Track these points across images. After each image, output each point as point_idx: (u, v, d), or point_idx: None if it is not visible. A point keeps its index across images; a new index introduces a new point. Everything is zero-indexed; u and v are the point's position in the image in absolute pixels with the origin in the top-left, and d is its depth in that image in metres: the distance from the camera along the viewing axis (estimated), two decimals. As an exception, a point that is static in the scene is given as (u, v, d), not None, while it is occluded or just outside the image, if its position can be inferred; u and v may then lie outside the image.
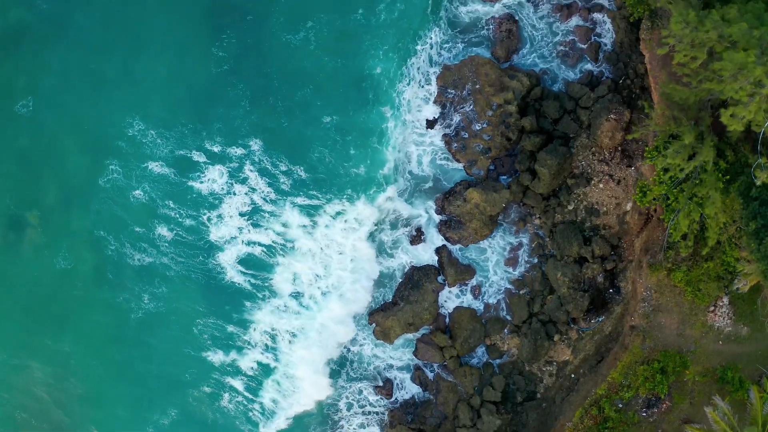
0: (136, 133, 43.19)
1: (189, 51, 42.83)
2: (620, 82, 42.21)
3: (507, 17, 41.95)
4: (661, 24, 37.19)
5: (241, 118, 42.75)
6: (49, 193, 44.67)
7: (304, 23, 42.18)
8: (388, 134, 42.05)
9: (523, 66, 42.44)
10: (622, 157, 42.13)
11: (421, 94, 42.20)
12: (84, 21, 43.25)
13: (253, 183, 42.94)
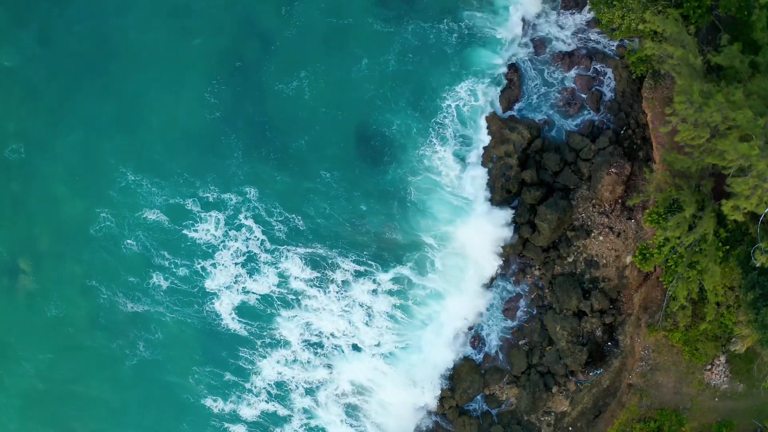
0: (129, 182, 43.50)
1: (182, 98, 42.98)
2: (621, 133, 42.72)
3: (509, 66, 42.39)
4: (663, 83, 37.80)
5: (235, 167, 43.00)
6: (42, 240, 45.09)
7: (298, 73, 42.39)
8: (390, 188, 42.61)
9: (524, 115, 42.72)
10: (623, 210, 42.82)
11: (425, 150, 42.47)
12: (76, 66, 43.39)
13: (249, 232, 43.24)
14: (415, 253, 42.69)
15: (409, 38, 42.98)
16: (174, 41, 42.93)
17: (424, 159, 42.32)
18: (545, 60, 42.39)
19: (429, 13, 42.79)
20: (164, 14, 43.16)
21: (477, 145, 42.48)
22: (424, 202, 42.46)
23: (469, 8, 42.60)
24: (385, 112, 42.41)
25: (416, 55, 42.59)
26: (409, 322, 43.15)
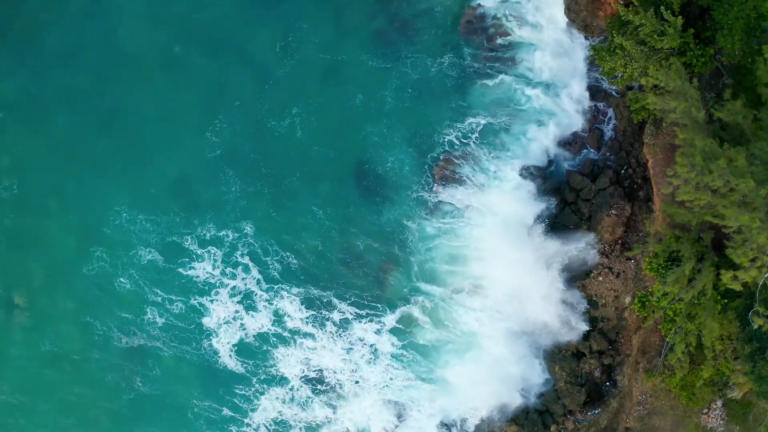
0: (123, 220, 43.75)
1: (178, 136, 43.15)
2: (622, 173, 43.05)
3: (512, 108, 42.26)
4: (665, 130, 37.99)
5: (231, 205, 43.26)
6: (36, 275, 45.24)
7: (290, 110, 42.52)
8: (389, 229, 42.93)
9: (524, 150, 42.87)
10: (622, 250, 43.25)
11: (420, 185, 42.71)
12: (72, 102, 43.58)
13: (246, 270, 43.36)
14: (410, 298, 43.00)
15: (406, 73, 43.04)
16: (171, 78, 43.14)
17: (420, 200, 42.41)
18: (545, 95, 42.53)
19: (427, 48, 42.81)
20: (162, 52, 43.45)
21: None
22: (420, 243, 42.65)
23: (470, 45, 42.90)
24: (380, 149, 42.53)
25: (413, 91, 42.65)
26: (411, 364, 43.91)
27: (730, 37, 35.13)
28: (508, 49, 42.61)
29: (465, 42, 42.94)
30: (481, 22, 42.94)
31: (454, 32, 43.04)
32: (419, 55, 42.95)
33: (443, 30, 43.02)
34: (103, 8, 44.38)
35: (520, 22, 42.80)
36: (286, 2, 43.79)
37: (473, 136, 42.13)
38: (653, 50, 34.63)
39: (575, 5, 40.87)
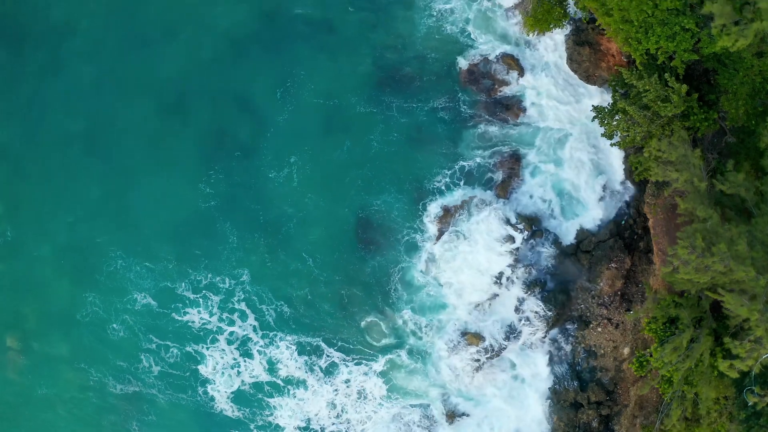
0: (117, 266, 43.81)
1: (175, 184, 43.25)
2: (622, 223, 43.64)
3: (511, 156, 42.66)
4: (666, 191, 38.19)
5: (227, 253, 43.42)
6: (30, 319, 45.34)
7: (288, 159, 42.70)
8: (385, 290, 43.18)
9: (524, 204, 42.73)
10: (621, 301, 43.58)
11: (419, 239, 43.00)
12: (65, 148, 43.61)
13: (241, 317, 43.58)
14: (402, 343, 43.37)
15: (403, 122, 43.16)
16: (168, 127, 43.22)
17: (412, 248, 42.73)
18: (546, 148, 42.57)
19: (426, 97, 42.87)
20: (159, 98, 43.47)
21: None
22: (409, 294, 43.01)
23: (471, 94, 42.91)
24: (374, 198, 42.66)
25: (412, 140, 42.79)
26: (401, 409, 44.56)
27: (735, 102, 35.26)
28: (509, 99, 42.58)
29: (466, 91, 42.91)
30: (483, 70, 42.98)
31: (455, 81, 43.00)
32: (418, 104, 43.08)
33: (444, 78, 42.99)
34: (97, 54, 44.30)
35: (522, 72, 42.78)
36: (283, 49, 43.84)
37: (470, 186, 42.67)
38: (656, 115, 34.82)
39: (577, 56, 40.85)
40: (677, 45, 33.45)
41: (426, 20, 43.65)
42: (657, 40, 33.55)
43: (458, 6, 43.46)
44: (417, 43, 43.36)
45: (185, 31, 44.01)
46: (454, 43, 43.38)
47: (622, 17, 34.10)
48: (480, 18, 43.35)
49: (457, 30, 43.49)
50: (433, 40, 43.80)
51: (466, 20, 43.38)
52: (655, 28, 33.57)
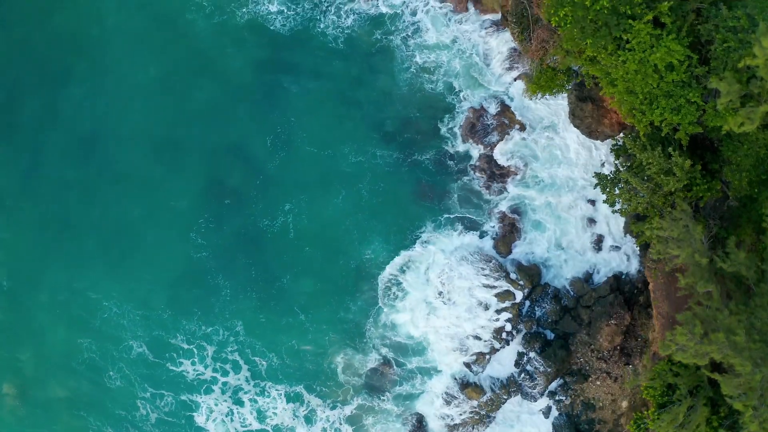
0: (112, 314, 44.48)
1: (170, 235, 43.76)
2: (623, 277, 44.23)
3: (511, 210, 42.85)
4: (667, 266, 38.23)
5: (221, 305, 44.14)
6: (27, 367, 45.93)
7: (282, 206, 43.41)
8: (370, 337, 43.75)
9: (525, 259, 43.31)
10: (621, 355, 44.22)
11: (420, 294, 43.59)
12: (60, 198, 44.11)
13: (234, 368, 44.29)
14: (407, 397, 44.13)
15: (398, 171, 43.55)
16: (160, 176, 43.60)
17: (409, 301, 43.23)
18: (546, 204, 42.81)
19: (422, 148, 43.26)
20: (151, 148, 43.86)
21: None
22: (407, 348, 43.58)
23: (471, 147, 43.01)
24: (365, 247, 43.20)
25: (408, 190, 43.20)
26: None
27: (738, 174, 35.34)
28: (511, 152, 42.83)
29: (466, 143, 43.19)
30: (483, 123, 43.09)
31: (454, 135, 43.34)
32: (412, 155, 43.37)
33: (442, 130, 43.31)
34: (93, 103, 44.63)
35: (523, 127, 42.93)
36: (273, 98, 44.12)
37: (470, 240, 43.00)
38: (659, 186, 35.08)
39: (580, 111, 40.83)
40: (682, 118, 33.55)
41: (420, 75, 43.88)
42: (661, 112, 33.65)
43: (457, 55, 43.74)
44: (414, 96, 43.67)
45: (178, 81, 44.41)
46: (454, 95, 43.75)
47: (626, 88, 34.17)
48: (477, 69, 43.56)
49: (460, 80, 43.72)
50: (426, 93, 44.15)
51: (465, 69, 43.62)
52: (659, 100, 33.70)
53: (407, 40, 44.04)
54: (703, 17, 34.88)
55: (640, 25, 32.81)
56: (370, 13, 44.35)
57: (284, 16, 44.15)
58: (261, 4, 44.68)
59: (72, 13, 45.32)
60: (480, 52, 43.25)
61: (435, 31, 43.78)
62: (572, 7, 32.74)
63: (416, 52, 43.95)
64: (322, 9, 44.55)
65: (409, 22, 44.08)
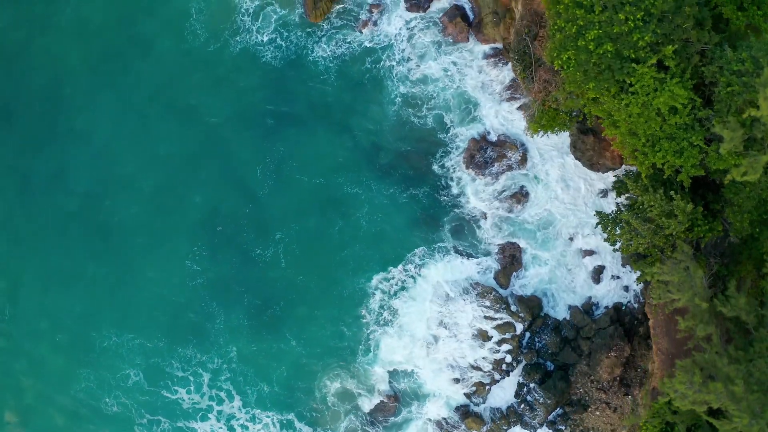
0: (111, 342, 44.83)
1: (164, 262, 44.14)
2: (623, 308, 44.45)
3: (511, 243, 43.00)
4: (668, 308, 38.44)
5: (214, 333, 44.58)
6: (28, 394, 46.23)
7: (273, 236, 43.88)
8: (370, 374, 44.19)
9: (525, 290, 43.58)
10: (620, 386, 44.57)
11: (419, 324, 43.86)
12: (60, 226, 44.57)
13: (228, 396, 44.69)
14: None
15: (391, 200, 43.76)
16: (157, 206, 43.98)
17: (408, 333, 43.48)
18: (547, 236, 43.05)
19: (419, 178, 43.47)
20: (147, 178, 44.17)
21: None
22: (407, 378, 43.88)
23: (472, 178, 43.26)
24: (359, 276, 43.50)
25: (406, 221, 43.43)
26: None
27: (740, 215, 35.61)
28: (512, 184, 42.95)
29: (465, 174, 43.30)
30: (485, 155, 43.17)
31: (456, 165, 43.42)
32: (407, 187, 43.67)
33: (439, 161, 43.55)
34: (91, 133, 44.93)
35: (525, 158, 43.02)
36: (265, 126, 44.37)
37: (471, 271, 43.19)
38: (660, 227, 35.27)
39: (581, 144, 41.02)
40: (685, 161, 33.65)
41: (417, 105, 43.96)
42: (664, 155, 33.74)
43: (458, 83, 43.81)
44: (410, 126, 43.91)
45: (172, 113, 44.70)
46: (452, 125, 43.85)
47: (629, 130, 34.25)
48: (476, 99, 43.70)
49: (460, 112, 43.88)
50: (423, 124, 44.29)
51: (463, 100, 43.79)
52: (662, 142, 33.77)
53: (402, 70, 44.10)
54: (707, 58, 35.00)
55: (644, 69, 32.94)
56: (366, 43, 44.42)
57: (275, 45, 44.35)
58: (252, 33, 44.81)
59: (60, 44, 45.52)
60: (480, 82, 43.34)
61: (433, 62, 43.83)
62: (575, 51, 32.83)
63: (412, 82, 44.05)
64: (314, 39, 44.70)
65: (405, 53, 44.05)
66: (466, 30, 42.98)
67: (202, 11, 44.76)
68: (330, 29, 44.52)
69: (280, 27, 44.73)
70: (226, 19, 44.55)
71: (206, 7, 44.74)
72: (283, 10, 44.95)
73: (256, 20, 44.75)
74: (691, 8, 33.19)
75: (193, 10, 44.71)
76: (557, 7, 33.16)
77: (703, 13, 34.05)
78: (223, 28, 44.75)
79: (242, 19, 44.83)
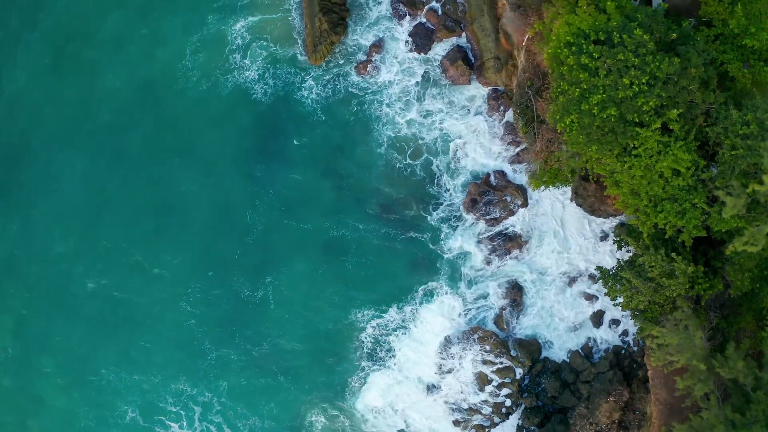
0: (110, 380, 45.70)
1: (159, 302, 45.03)
2: (622, 352, 44.95)
3: (511, 287, 43.55)
4: (666, 369, 38.65)
5: (205, 368, 45.58)
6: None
7: (263, 278, 44.63)
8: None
9: (525, 334, 44.11)
10: (619, 429, 44.96)
11: (419, 371, 44.13)
12: (61, 272, 45.44)
13: (220, 430, 45.53)
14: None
15: (384, 243, 44.27)
16: (152, 250, 44.90)
17: (407, 373, 44.16)
18: (550, 280, 43.47)
19: (416, 224, 43.99)
20: (140, 222, 44.95)
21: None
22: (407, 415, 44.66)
23: (474, 224, 43.71)
24: (349, 315, 44.20)
25: (394, 262, 44.07)
26: None
27: (741, 273, 36.11)
28: (513, 228, 43.40)
29: (468, 218, 43.65)
30: (486, 199, 43.41)
31: (455, 208, 43.81)
32: (402, 231, 44.15)
33: (438, 203, 43.97)
34: (88, 177, 45.51)
35: (526, 203, 43.36)
36: (254, 170, 44.83)
37: (471, 315, 43.69)
38: (660, 286, 35.66)
39: (583, 191, 41.27)
40: (687, 222, 33.97)
41: (413, 148, 44.30)
42: (666, 216, 34.06)
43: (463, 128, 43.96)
44: (407, 171, 44.26)
45: (167, 153, 45.21)
46: (452, 168, 44.21)
47: (631, 190, 34.50)
48: (478, 143, 43.93)
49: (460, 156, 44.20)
50: (420, 169, 44.63)
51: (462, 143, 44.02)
52: (664, 203, 34.06)
53: (401, 112, 44.22)
54: (712, 118, 35.34)
55: (648, 133, 33.16)
56: (364, 85, 44.54)
57: (265, 83, 44.54)
58: (240, 71, 44.83)
59: (57, 82, 45.90)
60: (481, 125, 43.56)
61: (433, 104, 44.01)
62: (578, 115, 32.98)
63: (410, 124, 44.17)
64: (314, 81, 44.78)
65: (404, 95, 44.23)
66: (467, 73, 43.18)
67: (196, 52, 45.00)
68: (329, 71, 44.62)
69: (278, 68, 44.90)
70: (218, 58, 44.83)
71: (201, 46, 45.01)
72: (281, 51, 44.96)
73: (246, 58, 44.88)
74: (696, 69, 33.57)
75: (188, 51, 45.02)
76: (561, 68, 33.31)
77: (709, 72, 34.44)
78: (215, 67, 45.02)
79: (233, 58, 45.02)
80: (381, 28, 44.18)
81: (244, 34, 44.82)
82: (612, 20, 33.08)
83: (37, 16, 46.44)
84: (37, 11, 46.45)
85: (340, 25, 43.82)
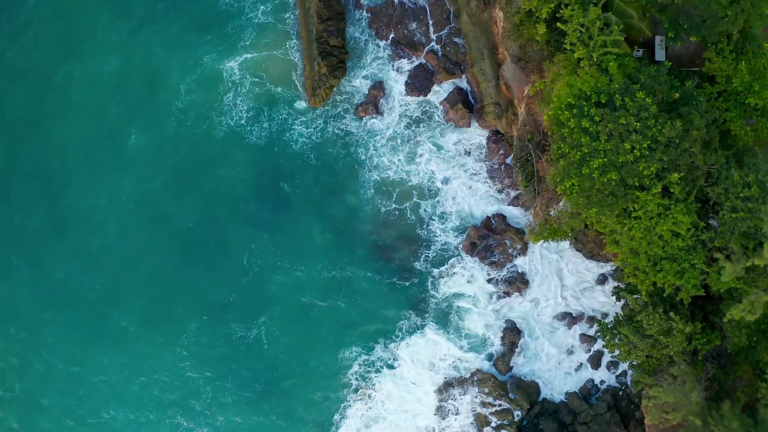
0: (109, 416, 46.07)
1: (155, 346, 45.54)
2: (620, 393, 45.39)
3: (511, 329, 44.16)
4: (663, 425, 39.04)
5: (200, 409, 45.96)
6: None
7: (257, 320, 45.23)
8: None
9: (523, 375, 44.47)
10: (615, 468, 46.57)
11: (422, 409, 44.56)
12: (67, 316, 45.95)
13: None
14: None
15: (376, 286, 44.89)
16: (149, 296, 45.36)
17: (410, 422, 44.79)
18: (548, 319, 43.95)
19: (414, 265, 44.45)
20: (136, 268, 45.37)
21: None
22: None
23: (473, 263, 44.14)
24: (339, 359, 44.82)
25: (386, 303, 44.55)
26: None
27: (738, 330, 36.60)
28: (512, 272, 43.74)
29: (469, 261, 43.96)
30: (486, 243, 43.74)
31: (456, 249, 44.17)
32: (401, 271, 44.71)
33: (437, 246, 44.32)
34: (87, 214, 45.77)
35: (525, 248, 43.69)
36: (252, 213, 45.24)
37: (471, 358, 44.18)
38: (658, 342, 36.09)
39: (582, 236, 41.68)
40: (685, 281, 34.48)
41: (411, 195, 44.65)
42: (665, 275, 34.54)
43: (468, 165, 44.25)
44: (401, 217, 44.71)
45: (158, 201, 45.42)
46: (448, 212, 44.55)
47: (630, 249, 34.91)
48: (476, 186, 44.17)
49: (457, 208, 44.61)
50: (415, 216, 45.02)
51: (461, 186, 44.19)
52: (663, 263, 34.51)
53: (400, 155, 44.46)
54: (713, 178, 35.67)
55: (648, 197, 33.66)
56: (363, 127, 44.72)
57: (260, 126, 44.76)
58: (232, 115, 44.95)
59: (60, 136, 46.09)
60: (482, 170, 43.86)
61: (429, 147, 44.27)
62: (579, 179, 33.28)
63: (408, 166, 44.36)
64: (301, 120, 45.03)
65: (403, 137, 44.42)
66: (467, 116, 43.40)
67: (191, 91, 45.13)
68: (328, 113, 44.81)
69: (274, 111, 45.09)
70: (215, 99, 45.04)
71: (196, 87, 45.12)
72: (281, 93, 45.09)
73: (240, 99, 45.15)
74: (699, 132, 33.96)
75: (182, 89, 45.09)
76: (562, 130, 33.49)
77: (711, 132, 34.88)
78: (211, 109, 45.18)
79: (228, 99, 45.25)
80: (381, 71, 44.42)
81: (243, 75, 44.97)
82: (614, 82, 33.45)
83: (34, 54, 46.39)
84: (34, 49, 46.52)
85: (339, 68, 44.01)
